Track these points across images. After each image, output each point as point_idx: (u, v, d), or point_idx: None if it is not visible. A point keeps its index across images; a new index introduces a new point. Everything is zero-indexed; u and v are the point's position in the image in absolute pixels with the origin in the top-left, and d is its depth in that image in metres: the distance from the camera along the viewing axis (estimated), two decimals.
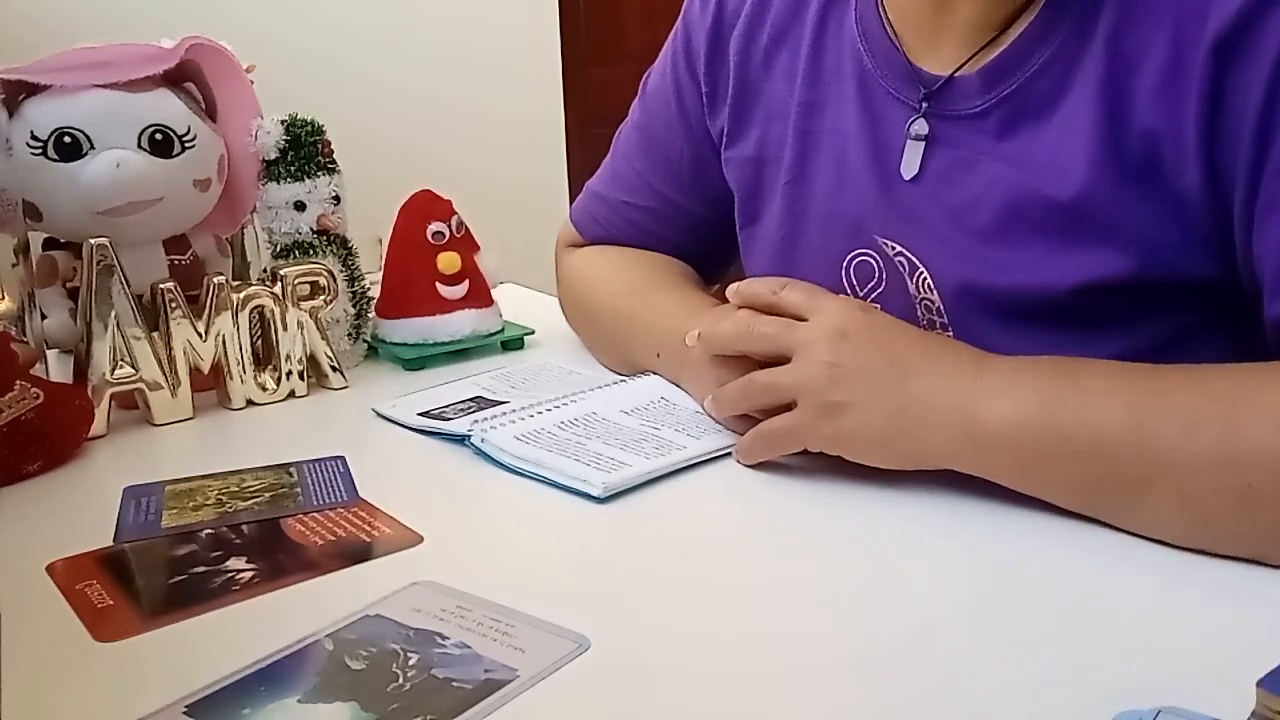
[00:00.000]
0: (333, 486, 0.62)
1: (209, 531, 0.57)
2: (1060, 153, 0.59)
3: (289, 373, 0.79)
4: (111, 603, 0.50)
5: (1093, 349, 0.56)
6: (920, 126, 0.65)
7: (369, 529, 0.57)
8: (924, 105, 0.65)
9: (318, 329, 0.80)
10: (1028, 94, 0.61)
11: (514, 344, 0.90)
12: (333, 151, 0.83)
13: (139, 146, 0.74)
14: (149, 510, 0.59)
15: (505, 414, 0.68)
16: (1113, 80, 0.57)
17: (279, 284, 0.78)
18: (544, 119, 2.93)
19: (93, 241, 0.71)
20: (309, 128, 0.81)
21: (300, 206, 0.81)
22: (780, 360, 0.60)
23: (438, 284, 0.86)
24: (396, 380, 0.83)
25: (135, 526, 0.58)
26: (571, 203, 0.94)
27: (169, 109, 0.76)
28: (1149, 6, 0.56)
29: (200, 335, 0.75)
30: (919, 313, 0.67)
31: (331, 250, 0.83)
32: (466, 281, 0.87)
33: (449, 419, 0.70)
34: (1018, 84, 0.61)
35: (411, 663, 0.43)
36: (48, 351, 0.77)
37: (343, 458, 0.66)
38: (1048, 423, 0.52)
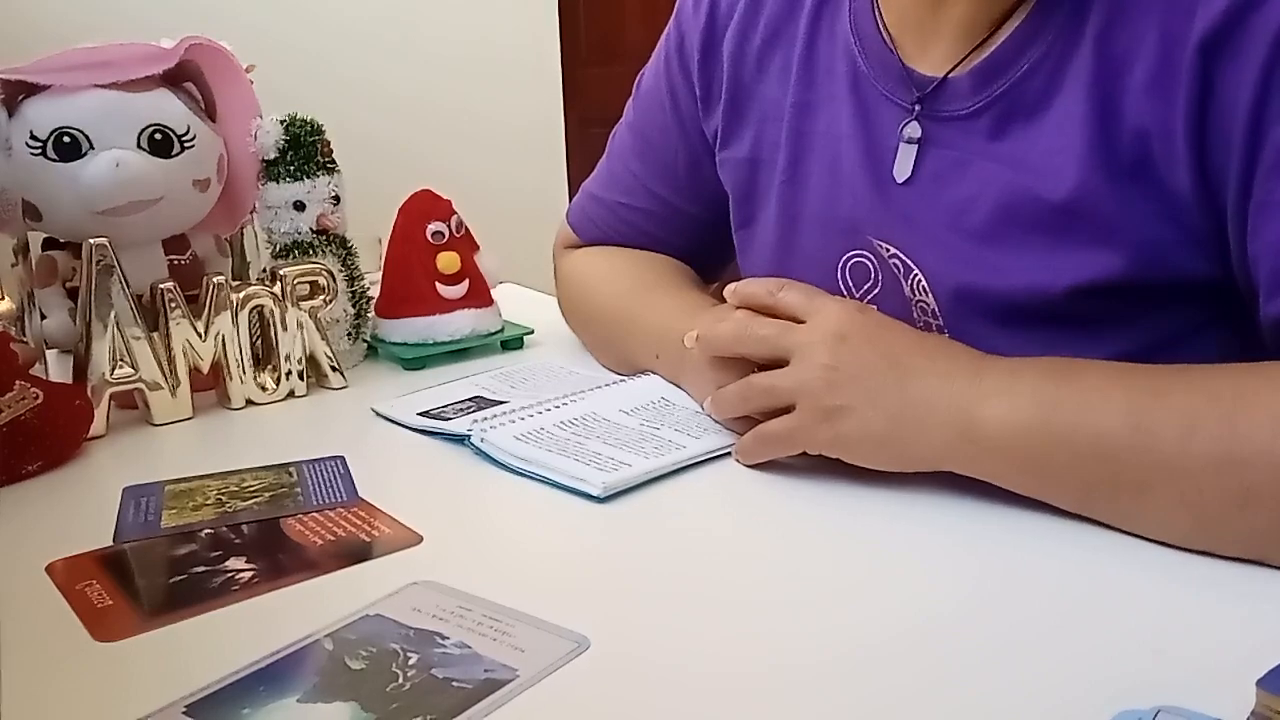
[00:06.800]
0: (332, 486, 0.62)
1: (209, 531, 0.57)
2: (1052, 153, 0.59)
3: (289, 373, 0.79)
4: (111, 603, 0.49)
5: (1090, 350, 0.56)
6: (913, 129, 0.65)
7: (369, 529, 0.57)
8: (917, 108, 0.65)
9: (317, 329, 0.80)
10: (1019, 94, 0.61)
11: (514, 344, 0.90)
12: (332, 151, 0.83)
13: (138, 146, 0.73)
14: (149, 510, 0.59)
15: (505, 414, 0.68)
16: (1102, 80, 0.57)
17: (279, 284, 0.78)
18: (543, 119, 2.93)
19: (92, 241, 0.71)
20: (308, 128, 0.82)
21: (300, 206, 0.81)
22: (779, 362, 0.60)
23: (437, 284, 0.86)
24: (396, 380, 0.83)
25: (135, 526, 0.58)
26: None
27: (168, 109, 0.76)
28: (1137, 5, 0.56)
29: (200, 335, 0.75)
30: (915, 315, 0.67)
31: (331, 250, 0.83)
32: (466, 281, 0.87)
33: (449, 419, 0.70)
34: (1008, 84, 0.61)
35: (411, 663, 0.43)
36: (47, 351, 0.78)
37: (342, 458, 0.66)
38: (1046, 423, 0.52)
